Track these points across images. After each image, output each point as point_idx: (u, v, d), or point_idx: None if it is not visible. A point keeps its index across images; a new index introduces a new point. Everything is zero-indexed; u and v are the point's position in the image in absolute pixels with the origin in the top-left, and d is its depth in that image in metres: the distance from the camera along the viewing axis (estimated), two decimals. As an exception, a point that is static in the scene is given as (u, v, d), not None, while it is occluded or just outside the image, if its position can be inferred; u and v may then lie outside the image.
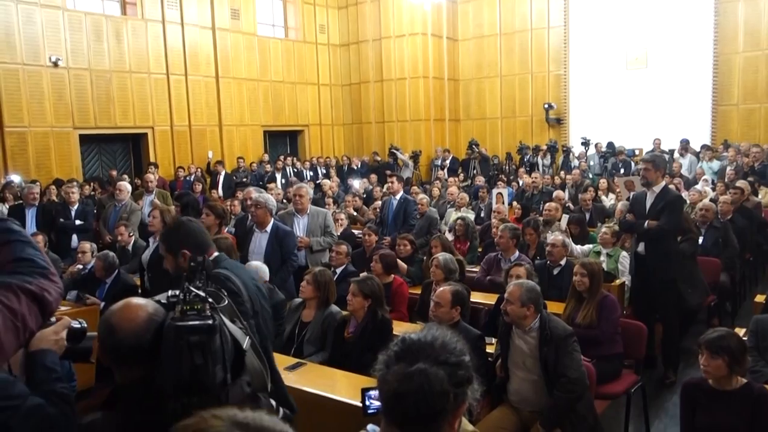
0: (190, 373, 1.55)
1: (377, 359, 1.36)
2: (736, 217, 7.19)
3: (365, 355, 3.65)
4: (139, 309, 1.71)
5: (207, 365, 1.57)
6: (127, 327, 1.66)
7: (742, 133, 12.88)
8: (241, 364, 1.77)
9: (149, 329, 1.67)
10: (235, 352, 1.72)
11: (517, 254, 5.60)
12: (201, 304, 1.64)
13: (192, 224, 2.76)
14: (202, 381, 1.56)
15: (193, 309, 1.62)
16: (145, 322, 1.68)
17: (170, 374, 1.56)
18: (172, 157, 12.93)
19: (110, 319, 1.70)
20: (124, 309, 1.72)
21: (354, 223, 8.77)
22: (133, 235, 6.74)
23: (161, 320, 1.68)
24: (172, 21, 12.69)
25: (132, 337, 1.65)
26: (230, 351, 1.68)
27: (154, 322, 1.68)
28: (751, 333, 3.71)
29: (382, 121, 16.36)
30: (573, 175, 10.91)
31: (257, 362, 1.90)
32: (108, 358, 1.71)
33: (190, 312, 1.62)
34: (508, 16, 15.71)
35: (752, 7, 12.73)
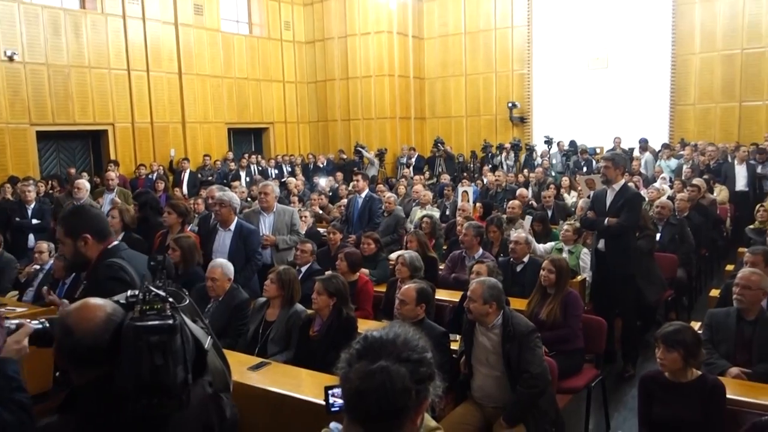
0: (150, 373, 1.53)
1: (340, 357, 1.36)
2: (693, 214, 7.40)
3: (330, 353, 3.64)
4: (97, 309, 1.67)
5: (168, 366, 1.55)
6: (85, 327, 1.63)
7: (699, 132, 13.25)
8: (203, 364, 1.76)
9: (108, 329, 1.63)
10: (196, 352, 1.70)
11: (480, 252, 5.66)
12: (161, 304, 1.61)
13: (93, 209, 2.79)
14: (162, 382, 1.54)
15: (153, 309, 1.60)
16: (104, 322, 1.64)
17: (130, 375, 1.53)
18: (133, 154, 12.68)
19: (67, 319, 1.67)
20: (81, 309, 1.68)
21: (319, 221, 8.74)
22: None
23: (120, 320, 1.64)
24: (133, 16, 12.43)
25: (90, 338, 1.62)
26: (191, 351, 1.66)
27: (113, 322, 1.65)
28: (705, 326, 3.82)
29: (348, 119, 16.33)
30: (536, 173, 11.07)
31: (219, 362, 1.88)
32: (65, 360, 1.68)
33: (149, 312, 1.59)
34: (473, 16, 15.84)
35: (708, 10, 13.10)
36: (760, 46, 12.61)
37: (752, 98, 12.84)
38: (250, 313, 4.41)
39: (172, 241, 4.92)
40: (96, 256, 2.63)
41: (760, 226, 6.44)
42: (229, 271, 4.41)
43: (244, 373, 3.45)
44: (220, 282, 4.32)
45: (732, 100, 13.06)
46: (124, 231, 5.47)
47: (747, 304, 3.64)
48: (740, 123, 13.02)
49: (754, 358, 3.57)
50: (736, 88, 12.98)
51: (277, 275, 4.27)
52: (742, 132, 12.85)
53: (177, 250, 4.79)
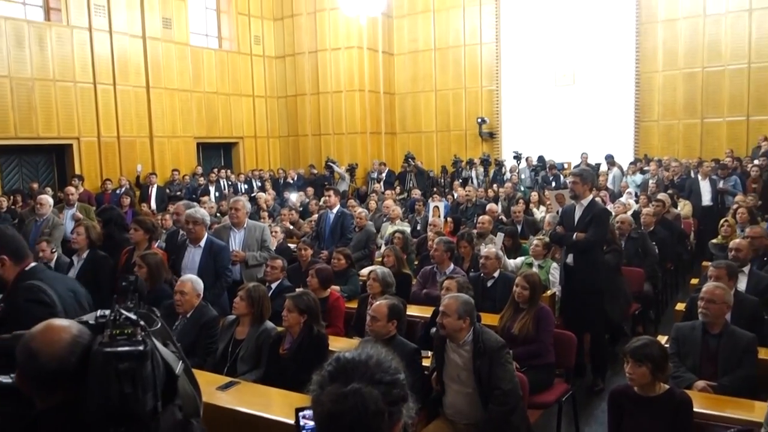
0: (118, 401, 1.47)
1: (312, 378, 1.34)
2: (658, 229, 7.54)
3: (301, 371, 3.59)
4: (61, 331, 1.61)
5: (137, 393, 1.49)
6: (50, 351, 1.57)
7: (663, 148, 13.57)
8: (173, 390, 1.71)
9: (74, 352, 1.58)
10: (166, 377, 1.65)
11: (452, 267, 5.67)
12: (132, 328, 1.55)
13: (8, 230, 2.78)
14: (131, 410, 1.49)
15: (123, 333, 1.54)
16: (69, 344, 1.59)
17: (97, 402, 1.48)
18: (99, 169, 12.45)
19: (30, 343, 1.60)
20: (45, 332, 1.62)
21: (290, 237, 8.68)
22: (56, 251, 6.41)
23: (87, 342, 1.59)
24: (100, 28, 12.26)
25: (55, 362, 1.56)
26: (162, 376, 1.61)
27: (79, 344, 1.59)
28: (672, 340, 3.88)
29: (319, 133, 16.32)
30: (505, 188, 11.18)
31: (189, 387, 1.83)
32: (29, 385, 1.61)
33: (119, 336, 1.53)
34: (443, 32, 16.03)
35: (670, 29, 13.48)
36: (719, 64, 13.01)
37: (713, 115, 13.21)
38: (219, 331, 4.34)
39: (138, 258, 4.83)
40: (13, 278, 2.59)
41: (723, 241, 6.58)
42: (199, 286, 4.34)
43: (212, 393, 3.38)
44: (189, 297, 4.25)
45: (694, 117, 13.43)
46: (90, 248, 5.34)
47: (712, 318, 3.71)
48: (702, 139, 13.38)
49: (719, 371, 3.63)
50: (697, 105, 13.35)
51: (247, 292, 4.22)
52: (704, 148, 13.20)
53: (144, 267, 4.70)
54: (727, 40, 12.87)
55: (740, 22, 12.71)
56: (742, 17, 12.69)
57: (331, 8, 15.29)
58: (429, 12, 16.13)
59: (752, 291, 4.75)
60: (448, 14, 15.91)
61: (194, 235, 5.20)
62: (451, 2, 15.83)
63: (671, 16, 13.41)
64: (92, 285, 5.07)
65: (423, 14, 16.23)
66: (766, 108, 12.62)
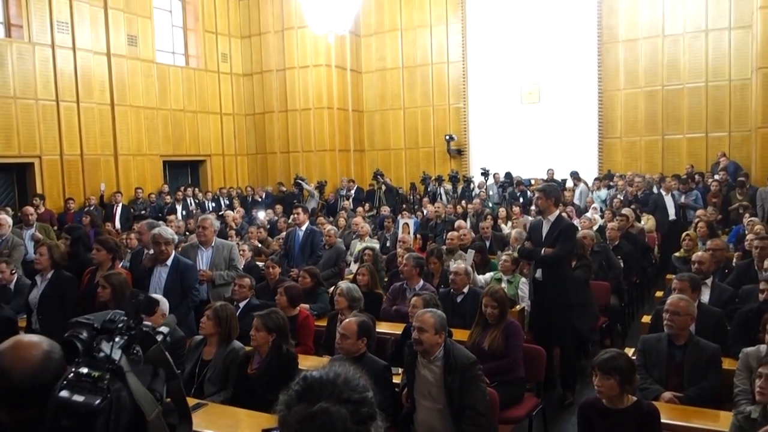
0: None
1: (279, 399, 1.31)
2: (623, 243, 7.68)
3: (270, 391, 3.54)
4: (31, 347, 1.56)
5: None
6: (22, 368, 1.52)
7: (626, 164, 13.87)
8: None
9: (47, 368, 1.53)
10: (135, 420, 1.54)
11: (421, 283, 5.68)
12: (102, 372, 1.45)
13: None
14: None
15: (89, 376, 1.43)
16: (42, 360, 1.54)
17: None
18: (61, 188, 12.17)
19: (0, 361, 1.54)
20: (15, 349, 1.56)
21: (258, 255, 8.59)
22: (15, 272, 6.24)
23: (59, 357, 1.53)
24: (63, 45, 12.06)
25: (29, 380, 1.51)
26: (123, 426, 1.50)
27: (52, 359, 1.54)
28: (639, 352, 3.93)
29: (287, 151, 16.26)
30: (474, 205, 11.27)
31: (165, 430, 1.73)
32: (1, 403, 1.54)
33: (85, 379, 1.43)
34: (410, 50, 16.20)
35: (631, 49, 13.85)
36: (678, 83, 13.39)
37: (673, 132, 13.57)
38: (186, 352, 4.25)
39: (101, 278, 4.71)
40: None
41: (686, 255, 6.73)
42: (165, 307, 4.25)
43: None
44: (155, 318, 4.14)
45: (655, 134, 13.76)
46: (54, 268, 5.18)
47: (676, 330, 3.77)
48: (663, 155, 13.71)
49: (685, 381, 3.69)
50: (658, 122, 13.69)
51: (214, 312, 4.15)
52: (665, 163, 13.53)
53: (107, 288, 4.58)
54: (685, 59, 13.28)
55: (697, 42, 13.13)
56: (699, 38, 13.11)
57: (299, 26, 15.32)
58: (396, 31, 16.30)
59: (715, 303, 4.87)
60: (415, 33, 16.10)
61: (167, 255, 5.11)
62: (418, 21, 16.02)
63: (631, 36, 13.79)
64: (57, 305, 4.95)
65: (390, 33, 16.38)
66: (724, 125, 13.02)
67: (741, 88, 12.67)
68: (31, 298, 5.09)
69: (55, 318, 4.81)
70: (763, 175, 10.93)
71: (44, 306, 4.98)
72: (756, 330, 3.97)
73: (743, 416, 2.91)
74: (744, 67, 12.55)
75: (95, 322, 1.59)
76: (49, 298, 5.01)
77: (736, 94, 12.80)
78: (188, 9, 15.36)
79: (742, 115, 12.69)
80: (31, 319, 5.06)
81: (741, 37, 12.62)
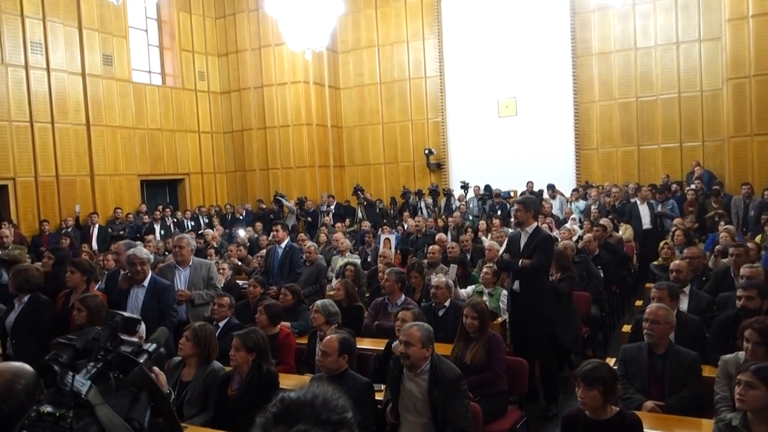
0: None
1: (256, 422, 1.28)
2: (602, 253, 7.74)
3: (251, 412, 3.48)
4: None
5: None
6: None
7: (603, 175, 14.03)
8: None
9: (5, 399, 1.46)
10: None
11: (403, 298, 5.66)
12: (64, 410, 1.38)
13: None
14: None
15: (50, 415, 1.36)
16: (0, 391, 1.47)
17: None
18: (36, 209, 11.97)
19: None
20: None
21: (239, 273, 8.51)
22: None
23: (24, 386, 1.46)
24: (37, 66, 11.93)
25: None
26: None
27: (13, 390, 1.47)
28: (620, 362, 3.94)
29: (266, 168, 16.20)
30: (454, 218, 11.30)
31: None
32: None
33: (46, 418, 1.36)
34: (387, 66, 16.30)
35: (604, 62, 14.07)
36: (652, 94, 13.62)
37: (648, 142, 13.77)
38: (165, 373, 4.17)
39: (77, 301, 4.61)
40: None
41: (664, 263, 6.79)
42: (142, 331, 4.15)
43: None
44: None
45: (631, 144, 13.96)
46: (30, 292, 5.02)
47: (656, 338, 3.79)
48: (639, 165, 13.89)
49: (666, 390, 3.70)
50: (633, 133, 13.89)
51: (193, 332, 4.08)
52: (641, 173, 13.71)
53: (83, 311, 4.48)
54: (658, 71, 13.52)
55: (669, 54, 13.39)
56: (670, 50, 13.37)
57: (276, 44, 15.34)
58: (374, 47, 16.39)
59: (694, 310, 4.90)
60: (392, 49, 16.21)
61: (143, 276, 5.04)
62: (395, 37, 16.14)
63: (605, 49, 14.01)
64: (32, 330, 4.83)
65: (367, 49, 16.47)
66: (697, 134, 13.26)
67: (712, 99, 12.93)
68: (7, 322, 4.96)
69: (29, 343, 4.70)
70: (737, 183, 11.12)
71: (19, 330, 4.86)
72: (734, 337, 4.01)
73: (724, 423, 2.92)
74: (715, 77, 12.82)
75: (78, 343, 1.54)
76: (24, 322, 4.89)
77: (708, 105, 13.05)
78: (164, 28, 15.32)
79: (714, 125, 12.93)
80: (5, 343, 4.94)
81: (711, 49, 12.90)
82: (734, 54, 11.50)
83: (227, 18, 16.38)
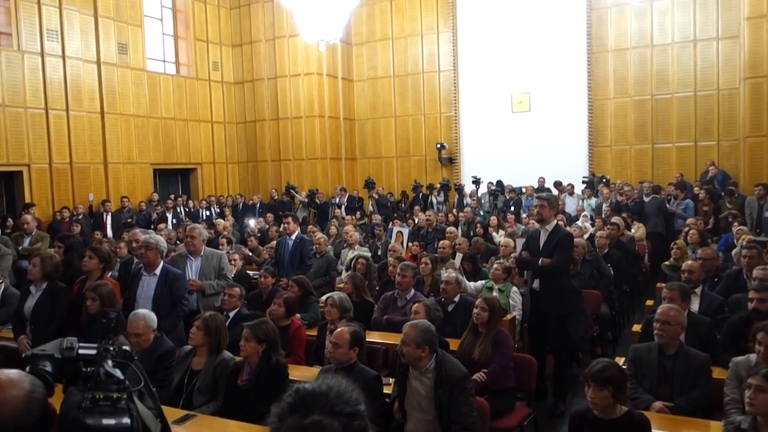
0: None
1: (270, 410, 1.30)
2: (613, 251, 7.70)
3: (260, 402, 3.51)
4: (10, 387, 1.44)
5: None
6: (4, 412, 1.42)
7: (616, 172, 13.93)
8: None
9: (30, 410, 1.43)
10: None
11: (412, 292, 5.66)
12: (116, 393, 1.40)
13: None
14: None
15: (106, 398, 1.39)
16: (24, 402, 1.44)
17: None
18: (50, 196, 12.08)
19: None
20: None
21: (249, 263, 8.55)
22: (2, 282, 6.16)
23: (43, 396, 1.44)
24: (52, 53, 12.01)
25: (11, 424, 1.41)
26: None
27: (35, 400, 1.44)
28: (630, 362, 3.92)
29: (278, 159, 16.24)
30: (465, 213, 11.28)
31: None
32: None
33: (102, 402, 1.38)
34: (401, 59, 16.25)
35: (620, 58, 13.96)
36: (667, 92, 13.49)
37: (663, 140, 13.66)
38: (176, 362, 4.21)
39: (89, 290, 4.65)
40: None
41: (675, 263, 6.75)
42: (153, 321, 4.18)
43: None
44: (145, 335, 4.07)
45: (645, 142, 13.85)
46: (48, 279, 5.06)
47: (667, 339, 3.78)
48: (653, 163, 13.79)
49: (675, 391, 3.68)
50: (648, 130, 13.78)
51: (203, 322, 4.11)
52: (655, 172, 13.61)
53: (96, 300, 4.53)
54: (674, 69, 13.39)
55: (685, 52, 13.25)
56: (687, 48, 13.23)
57: (290, 35, 15.35)
58: (388, 40, 16.35)
59: (705, 312, 4.88)
60: (406, 42, 16.16)
61: (146, 260, 5.08)
62: (409, 30, 16.08)
63: (621, 45, 13.89)
64: (49, 316, 4.89)
65: (382, 42, 16.43)
66: (712, 134, 13.13)
67: (729, 98, 12.79)
68: (26, 308, 5.01)
69: (47, 329, 4.75)
70: (751, 183, 11.00)
71: (37, 317, 4.92)
72: (745, 339, 3.98)
73: (733, 426, 2.91)
74: (732, 76, 12.67)
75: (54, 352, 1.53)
76: (41, 308, 4.94)
77: (724, 104, 12.92)
78: (179, 17, 15.35)
79: (730, 125, 12.80)
80: (23, 330, 4.98)
81: (729, 48, 12.75)
82: (752, 53, 11.37)
83: (242, 8, 16.39)
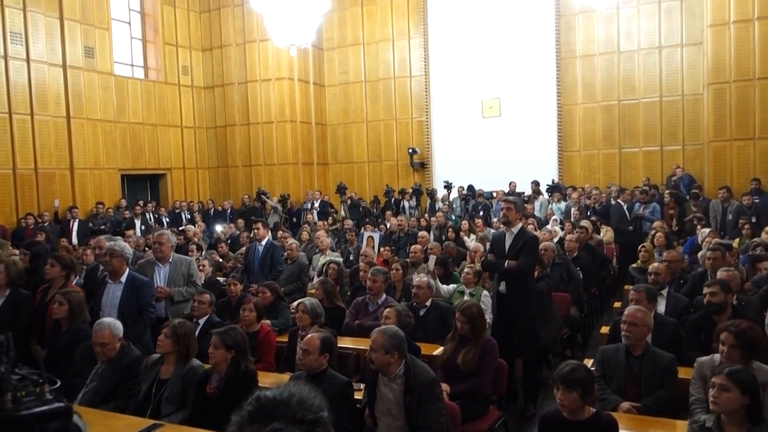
0: None
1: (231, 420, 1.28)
2: (582, 254, 7.80)
3: (229, 411, 3.45)
4: None
5: None
6: None
7: (585, 177, 14.14)
8: None
9: None
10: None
11: (384, 297, 5.65)
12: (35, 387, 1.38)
13: None
14: None
15: (28, 393, 1.37)
16: None
17: None
18: (14, 202, 11.79)
19: None
20: None
21: (219, 270, 8.45)
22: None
23: None
24: (16, 57, 11.74)
25: None
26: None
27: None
28: (598, 363, 3.97)
29: (249, 164, 16.11)
30: (437, 218, 11.32)
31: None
32: None
33: (26, 398, 1.36)
34: (372, 64, 16.28)
35: (588, 64, 14.18)
36: (634, 97, 13.75)
37: (630, 145, 13.91)
38: (143, 371, 4.13)
39: (59, 294, 4.56)
40: None
41: (643, 265, 6.87)
42: (118, 330, 4.10)
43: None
44: (111, 345, 4.00)
45: (612, 147, 14.09)
46: (10, 286, 4.98)
47: (634, 340, 3.83)
48: (621, 168, 14.03)
49: (642, 392, 3.74)
50: (615, 135, 14.02)
51: (172, 329, 4.04)
52: (622, 176, 13.84)
53: (65, 305, 4.44)
54: (640, 75, 13.65)
55: (651, 58, 13.53)
56: (652, 54, 13.51)
57: (261, 39, 15.26)
58: (359, 45, 16.37)
59: (671, 313, 4.96)
60: (378, 47, 16.19)
61: (111, 267, 4.99)
62: (381, 36, 16.12)
63: (588, 52, 14.12)
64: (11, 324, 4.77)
65: (353, 47, 16.44)
66: (678, 138, 13.41)
67: (693, 103, 13.09)
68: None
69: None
70: (716, 187, 11.26)
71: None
72: (708, 337, 4.07)
73: (698, 425, 2.96)
74: (696, 82, 12.98)
75: None
76: (4, 316, 4.83)
77: (689, 109, 13.21)
78: (148, 21, 15.16)
79: (694, 129, 13.10)
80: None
81: (693, 54, 13.05)
82: (715, 59, 11.65)
83: (212, 12, 16.25)
